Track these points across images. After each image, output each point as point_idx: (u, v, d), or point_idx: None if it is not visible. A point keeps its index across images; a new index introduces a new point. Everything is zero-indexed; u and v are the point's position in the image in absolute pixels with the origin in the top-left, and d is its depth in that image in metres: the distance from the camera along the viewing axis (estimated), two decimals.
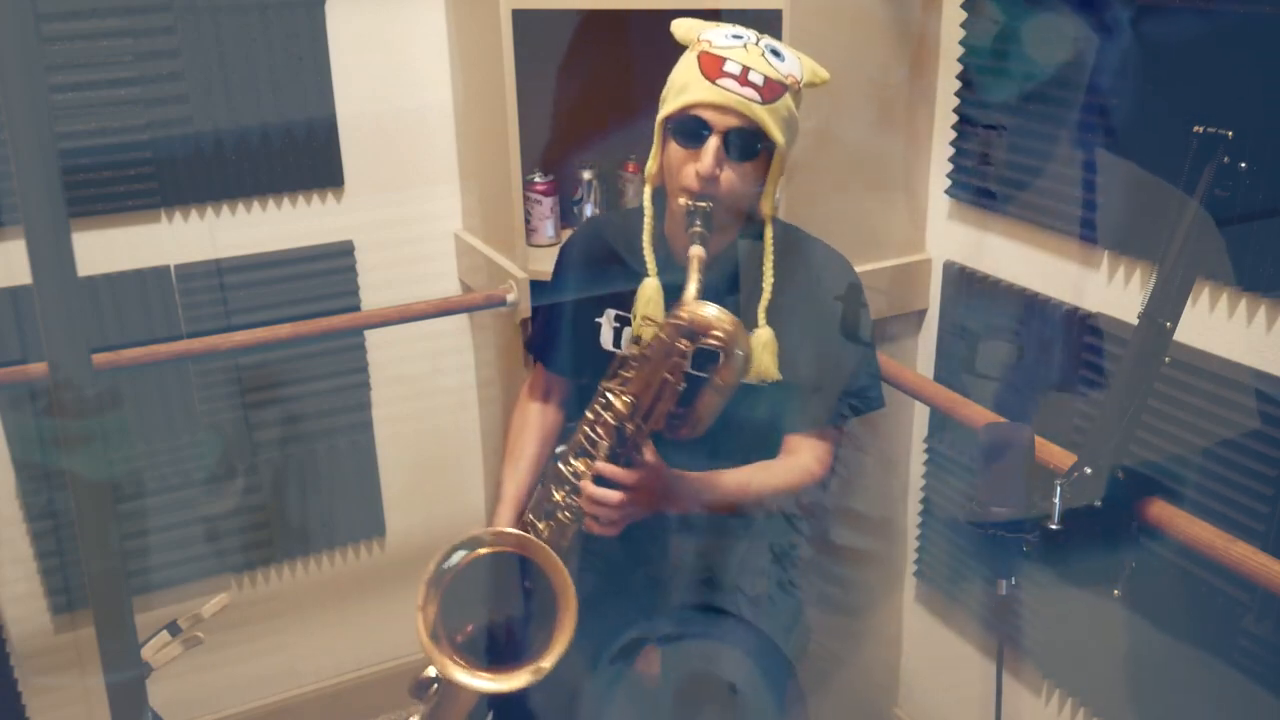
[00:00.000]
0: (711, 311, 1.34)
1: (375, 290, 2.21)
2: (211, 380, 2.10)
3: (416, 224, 2.24)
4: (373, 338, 2.26)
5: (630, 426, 1.40)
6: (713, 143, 1.40)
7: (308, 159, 2.08)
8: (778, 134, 1.42)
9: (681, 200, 1.43)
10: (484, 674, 1.42)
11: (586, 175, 2.14)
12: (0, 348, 1.91)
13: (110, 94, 1.89)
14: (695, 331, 1.34)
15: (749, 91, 1.39)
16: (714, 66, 1.40)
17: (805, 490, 1.58)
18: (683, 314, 1.35)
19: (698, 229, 1.40)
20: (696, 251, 1.39)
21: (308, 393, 2.21)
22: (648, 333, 1.41)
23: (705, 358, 1.37)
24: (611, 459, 1.41)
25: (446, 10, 2.12)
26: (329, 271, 2.16)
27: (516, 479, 1.68)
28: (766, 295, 1.49)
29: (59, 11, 1.82)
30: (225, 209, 2.06)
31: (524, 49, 1.85)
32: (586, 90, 2.15)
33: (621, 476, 1.40)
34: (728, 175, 1.42)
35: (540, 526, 1.50)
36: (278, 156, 2.05)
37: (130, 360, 1.81)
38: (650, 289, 1.48)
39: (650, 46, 1.52)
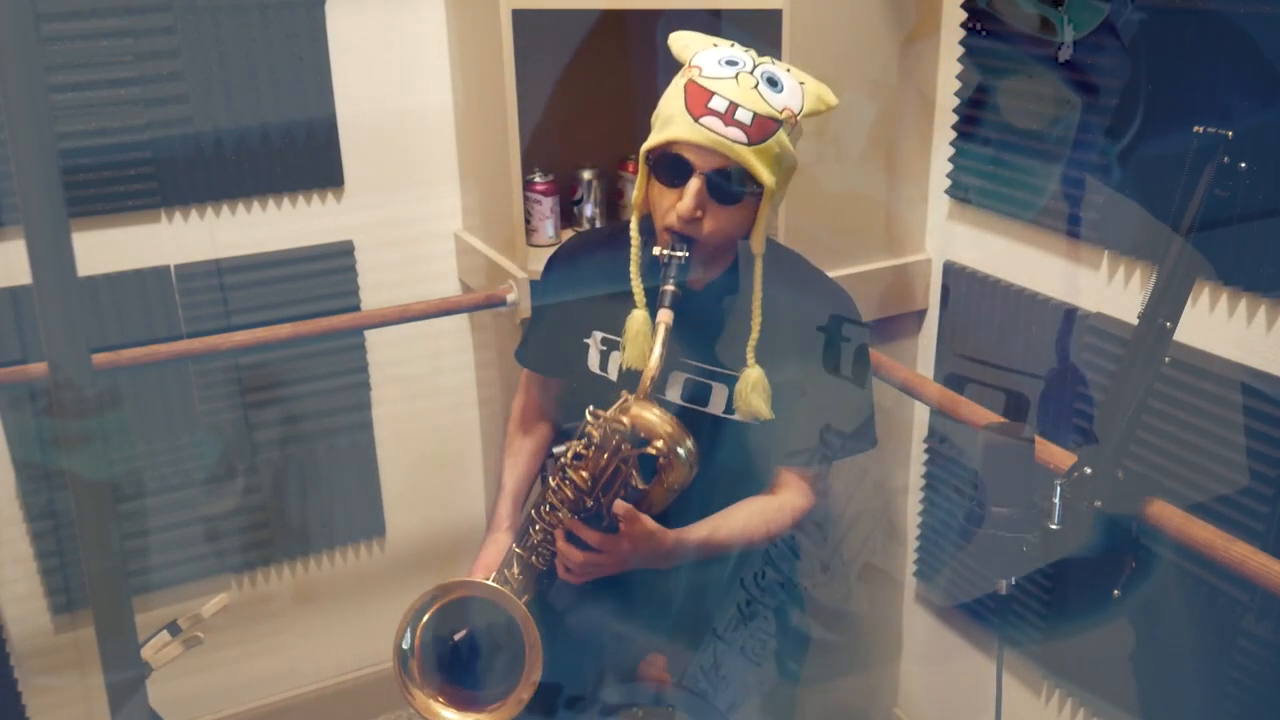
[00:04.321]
0: (653, 417, 1.32)
1: (375, 290, 2.21)
2: (211, 380, 2.10)
3: (416, 224, 2.24)
4: (373, 338, 2.26)
5: (589, 501, 1.39)
6: (694, 184, 1.33)
7: (308, 159, 2.08)
8: (766, 175, 1.34)
9: (656, 250, 1.38)
10: (457, 711, 1.45)
11: (586, 175, 2.14)
12: (0, 348, 1.91)
13: (110, 94, 1.88)
14: (636, 435, 1.32)
15: (734, 131, 1.31)
16: (699, 101, 1.32)
17: (795, 526, 1.55)
18: (624, 418, 1.32)
19: (670, 288, 1.35)
20: (664, 317, 1.34)
21: (308, 393, 2.21)
22: (594, 430, 1.37)
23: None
24: (581, 520, 1.40)
25: (446, 10, 2.12)
26: (329, 271, 2.16)
27: (516, 472, 1.70)
28: (755, 334, 1.44)
29: (59, 11, 1.82)
30: (225, 209, 2.06)
31: (524, 49, 1.85)
32: (586, 90, 2.15)
33: (587, 538, 1.39)
34: (710, 218, 1.36)
35: (523, 555, 1.49)
36: (278, 156, 2.05)
37: (130, 360, 1.81)
38: (639, 321, 1.45)
39: (650, 46, 1.51)
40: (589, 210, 2.16)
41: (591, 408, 1.37)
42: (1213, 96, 1.45)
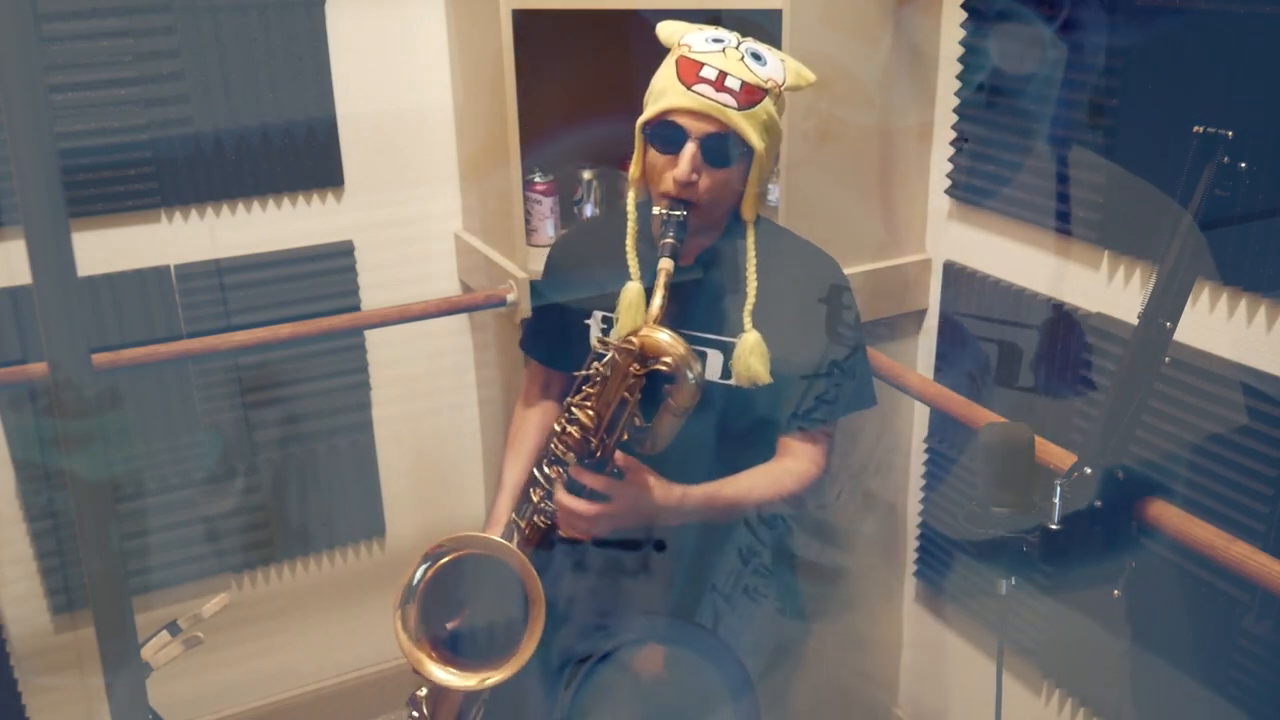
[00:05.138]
0: (663, 338, 1.35)
1: (375, 290, 2.21)
2: (211, 380, 2.10)
3: (416, 224, 2.24)
4: (373, 338, 2.26)
5: (594, 441, 1.40)
6: (689, 149, 1.40)
7: (308, 159, 2.08)
8: (755, 139, 1.41)
9: (656, 209, 1.43)
10: (456, 671, 1.44)
11: (586, 175, 2.14)
12: (0, 348, 1.91)
13: (110, 94, 1.89)
14: (645, 357, 1.35)
15: (724, 97, 1.39)
16: (690, 72, 1.40)
17: (804, 493, 1.56)
18: (634, 339, 1.35)
19: (669, 240, 1.40)
20: (665, 265, 1.39)
21: (308, 393, 2.21)
22: (606, 359, 1.39)
23: (664, 378, 1.37)
24: (583, 468, 1.41)
25: (446, 10, 2.12)
26: (329, 271, 2.16)
27: (516, 467, 1.70)
28: (751, 299, 1.48)
29: (59, 11, 1.82)
30: (225, 209, 2.06)
31: (524, 49, 1.85)
32: (586, 90, 2.15)
33: (592, 484, 1.41)
34: (705, 181, 1.42)
35: (522, 525, 1.51)
36: (278, 156, 2.05)
37: (130, 360, 1.81)
38: (632, 292, 1.48)
39: (650, 46, 1.52)
40: (589, 210, 2.16)
41: (600, 335, 1.40)
42: (1213, 96, 1.45)
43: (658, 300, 1.37)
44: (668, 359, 1.35)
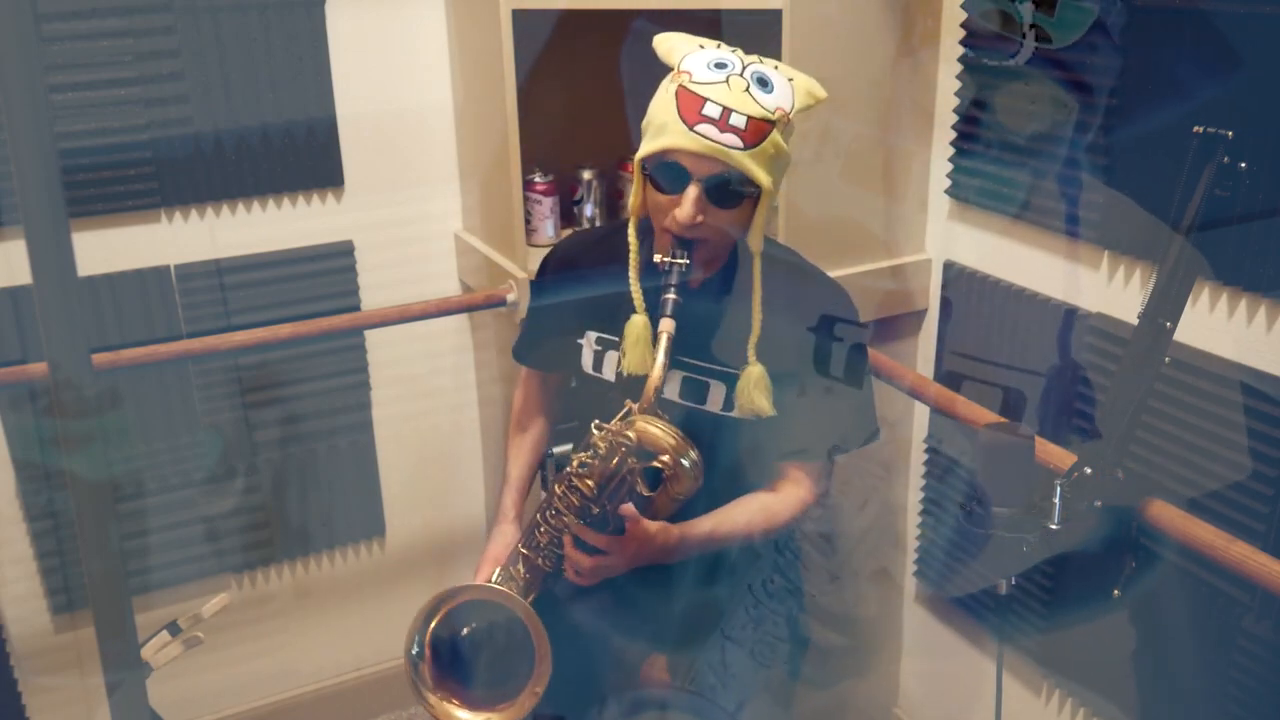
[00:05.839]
0: (657, 430, 1.34)
1: (375, 290, 2.21)
2: (211, 380, 2.10)
3: (416, 224, 2.24)
4: (373, 338, 2.26)
5: (595, 509, 1.40)
6: (692, 191, 1.34)
7: (308, 159, 2.08)
8: (763, 177, 1.35)
9: (657, 257, 1.39)
10: (465, 708, 1.46)
11: (586, 175, 2.14)
12: (0, 348, 1.91)
13: (110, 94, 1.88)
14: (641, 450, 1.34)
15: (729, 138, 1.31)
16: (692, 109, 1.32)
17: (799, 518, 1.56)
18: (630, 434, 1.34)
19: (672, 295, 1.36)
20: (666, 326, 1.35)
21: (308, 393, 2.21)
22: (600, 441, 1.38)
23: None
24: (587, 524, 1.41)
25: (446, 10, 2.12)
26: (329, 271, 2.16)
27: (520, 463, 1.73)
28: (756, 332, 1.45)
29: (59, 11, 1.82)
30: (225, 209, 2.06)
31: (524, 49, 1.85)
32: (586, 90, 2.15)
33: (594, 541, 1.41)
34: (709, 222, 1.37)
35: (529, 556, 1.51)
36: (278, 156, 2.05)
37: (130, 360, 1.81)
38: (638, 326, 1.45)
39: (650, 46, 1.51)
40: (589, 210, 2.16)
41: (597, 422, 1.38)
42: (1212, 96, 1.45)
43: (659, 365, 1.35)
44: (664, 456, 1.35)
